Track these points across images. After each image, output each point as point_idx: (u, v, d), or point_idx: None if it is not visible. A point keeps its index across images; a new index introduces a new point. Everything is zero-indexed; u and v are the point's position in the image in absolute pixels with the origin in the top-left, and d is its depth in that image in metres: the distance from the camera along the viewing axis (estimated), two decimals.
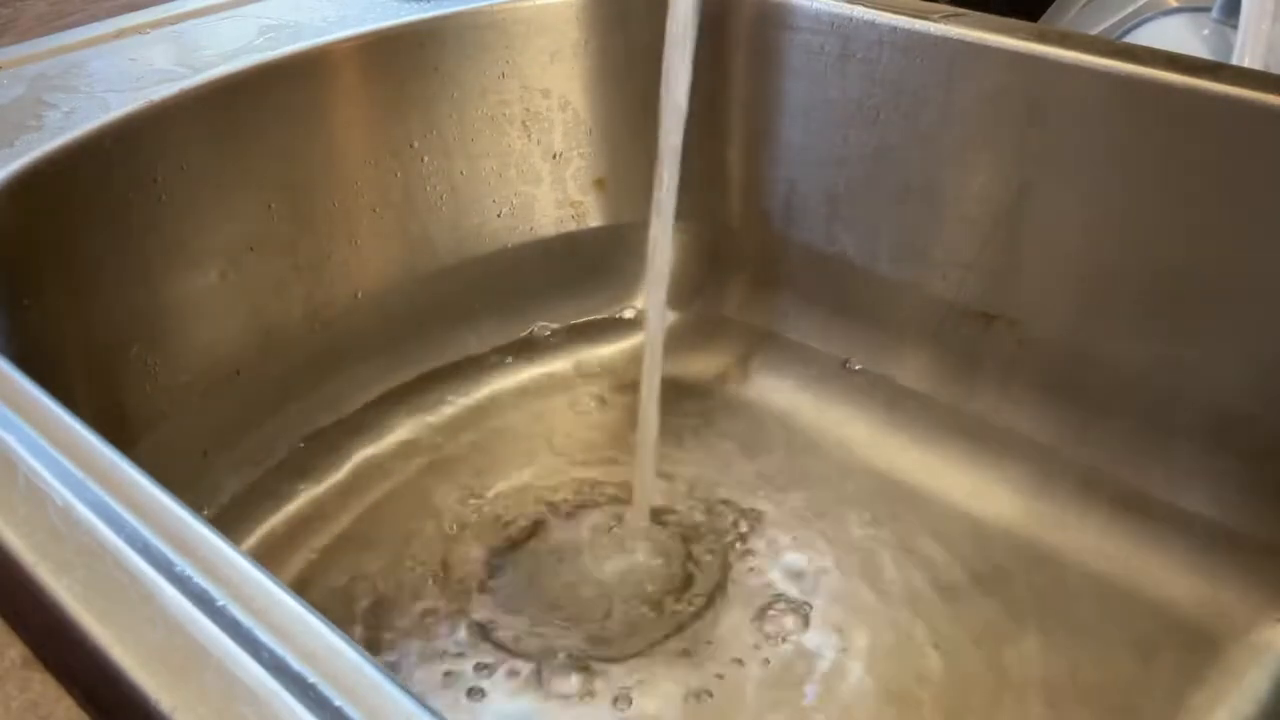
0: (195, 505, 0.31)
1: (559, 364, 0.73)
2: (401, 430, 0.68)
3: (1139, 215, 0.57)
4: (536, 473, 0.66)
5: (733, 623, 0.56)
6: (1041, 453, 0.62)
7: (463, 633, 0.56)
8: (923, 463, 0.65)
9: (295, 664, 0.26)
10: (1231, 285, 0.55)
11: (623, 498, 0.64)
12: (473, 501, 0.64)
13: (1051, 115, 0.58)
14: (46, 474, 0.32)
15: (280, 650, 0.27)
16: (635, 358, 0.72)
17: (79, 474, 0.32)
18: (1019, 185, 0.60)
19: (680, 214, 0.59)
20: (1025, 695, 0.53)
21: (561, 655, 0.55)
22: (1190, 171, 0.54)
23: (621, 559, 0.60)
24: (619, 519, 0.62)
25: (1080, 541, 0.59)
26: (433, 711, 0.26)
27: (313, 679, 0.26)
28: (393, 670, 0.53)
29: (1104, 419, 0.60)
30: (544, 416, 0.70)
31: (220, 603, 0.28)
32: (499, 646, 0.55)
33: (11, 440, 0.34)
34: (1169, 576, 0.57)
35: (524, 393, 0.71)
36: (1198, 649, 0.54)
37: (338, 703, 0.26)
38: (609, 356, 0.74)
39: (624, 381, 0.72)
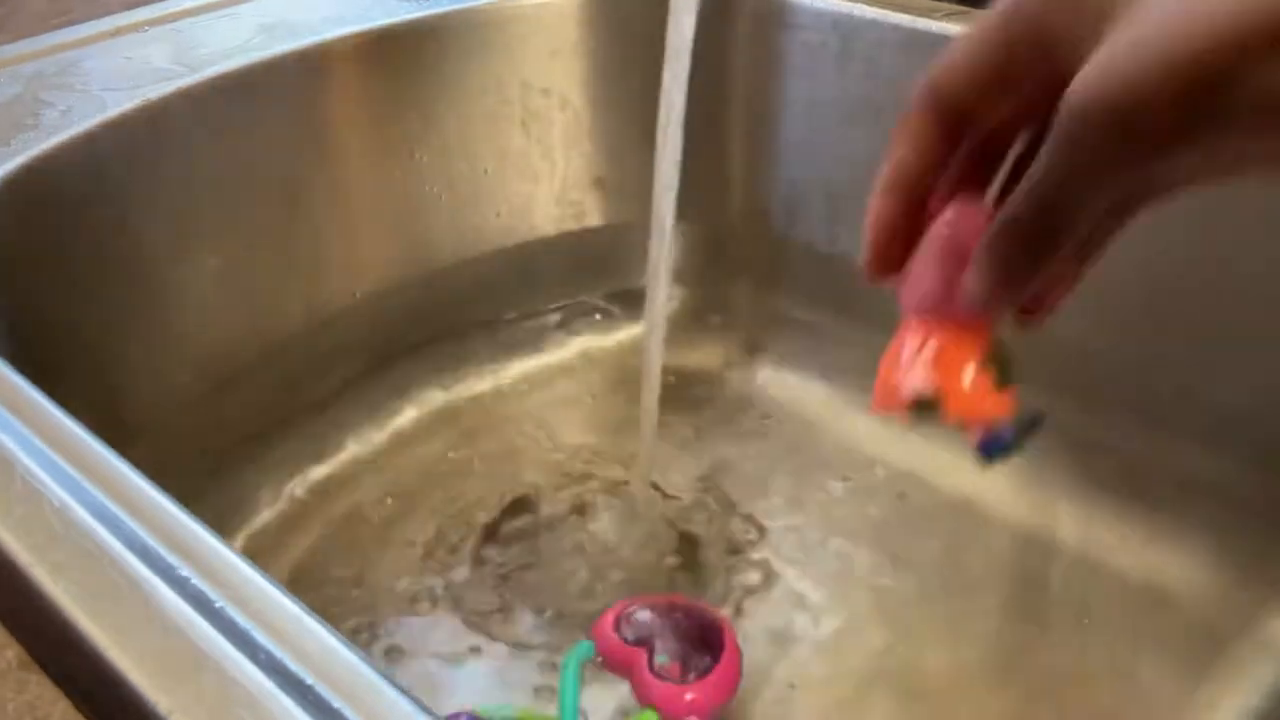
0: (192, 506, 0.31)
1: (559, 361, 0.73)
2: (401, 427, 0.68)
3: (1140, 215, 0.56)
4: (538, 464, 0.66)
5: (733, 612, 0.56)
6: (1045, 447, 0.62)
7: (463, 620, 0.56)
8: (925, 457, 0.64)
9: (293, 665, 0.26)
10: (1234, 284, 0.55)
11: (624, 488, 0.64)
12: (475, 493, 0.64)
13: None
14: (43, 475, 0.32)
15: (278, 652, 0.27)
16: (636, 353, 0.72)
17: (76, 475, 0.32)
18: None
19: (680, 213, 0.59)
20: (1030, 688, 0.53)
21: (556, 642, 0.55)
22: None
23: (623, 549, 0.60)
24: (620, 507, 0.62)
25: (1084, 536, 0.59)
26: (430, 712, 0.26)
27: (311, 680, 0.26)
28: (393, 655, 0.53)
29: (1107, 415, 0.60)
30: (545, 410, 0.70)
31: (218, 604, 0.28)
32: (494, 631, 0.56)
33: (8, 441, 0.33)
34: (1174, 570, 0.57)
35: (525, 388, 0.71)
36: (1204, 642, 0.54)
37: (336, 704, 0.25)
38: (609, 353, 0.74)
39: (625, 376, 0.72)
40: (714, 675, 0.50)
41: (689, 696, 0.49)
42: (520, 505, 0.63)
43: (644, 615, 0.52)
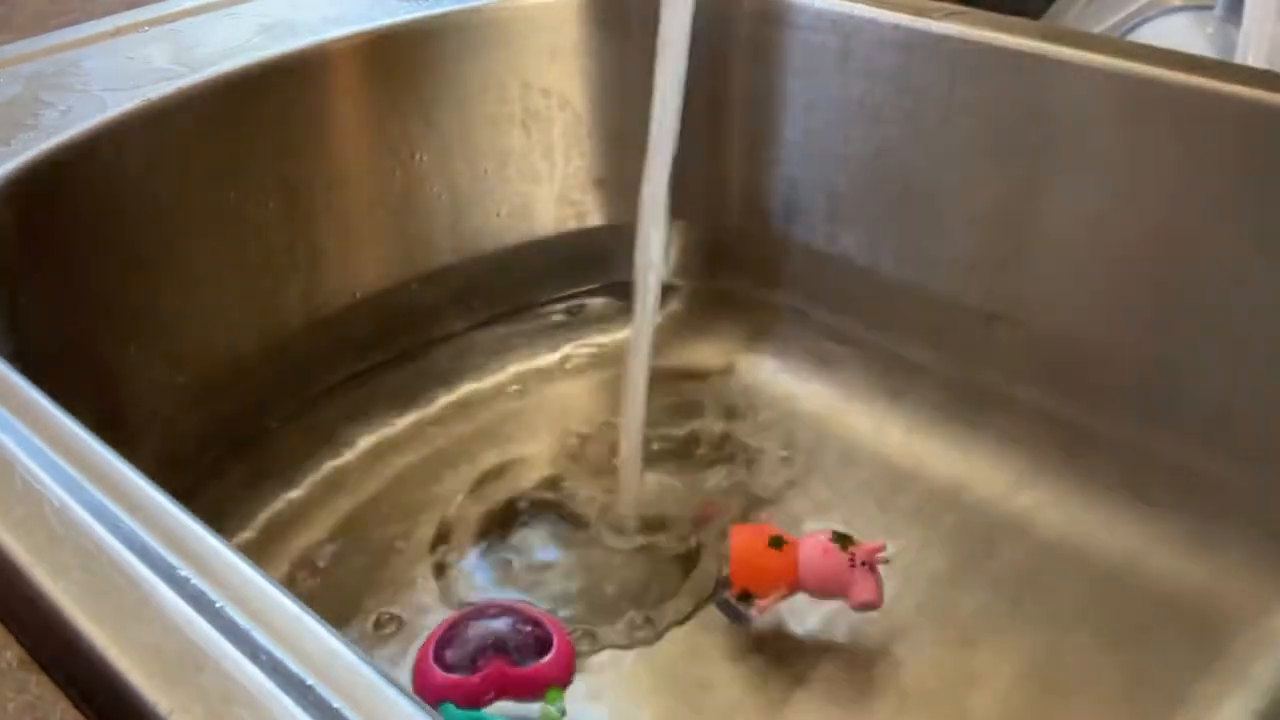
0: (192, 506, 0.31)
1: (560, 360, 0.73)
2: (402, 426, 0.68)
3: (1142, 214, 0.56)
4: (539, 463, 0.66)
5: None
6: (1044, 445, 0.62)
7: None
8: (925, 455, 0.65)
9: (293, 666, 0.26)
10: (1235, 284, 0.55)
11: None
12: (476, 492, 0.64)
13: (1054, 114, 0.57)
14: (43, 475, 0.32)
15: (278, 652, 0.27)
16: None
17: (76, 475, 0.32)
18: (1021, 185, 0.60)
19: (680, 214, 0.59)
20: (1028, 685, 0.53)
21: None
22: (1193, 170, 0.54)
23: (624, 547, 0.61)
24: (620, 507, 0.63)
25: (1084, 533, 0.59)
26: (430, 712, 0.26)
27: (311, 681, 0.26)
28: (395, 655, 0.53)
29: (1107, 414, 0.60)
30: (546, 409, 0.70)
31: (218, 604, 0.28)
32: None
33: (8, 441, 0.33)
34: (1173, 567, 0.57)
35: (526, 387, 0.71)
36: (1203, 640, 0.54)
37: (336, 704, 0.25)
38: (610, 353, 0.74)
39: (626, 374, 0.72)
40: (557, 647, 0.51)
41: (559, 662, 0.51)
42: (522, 504, 0.63)
43: (470, 633, 0.51)
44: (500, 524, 0.62)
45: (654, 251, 0.59)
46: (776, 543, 0.54)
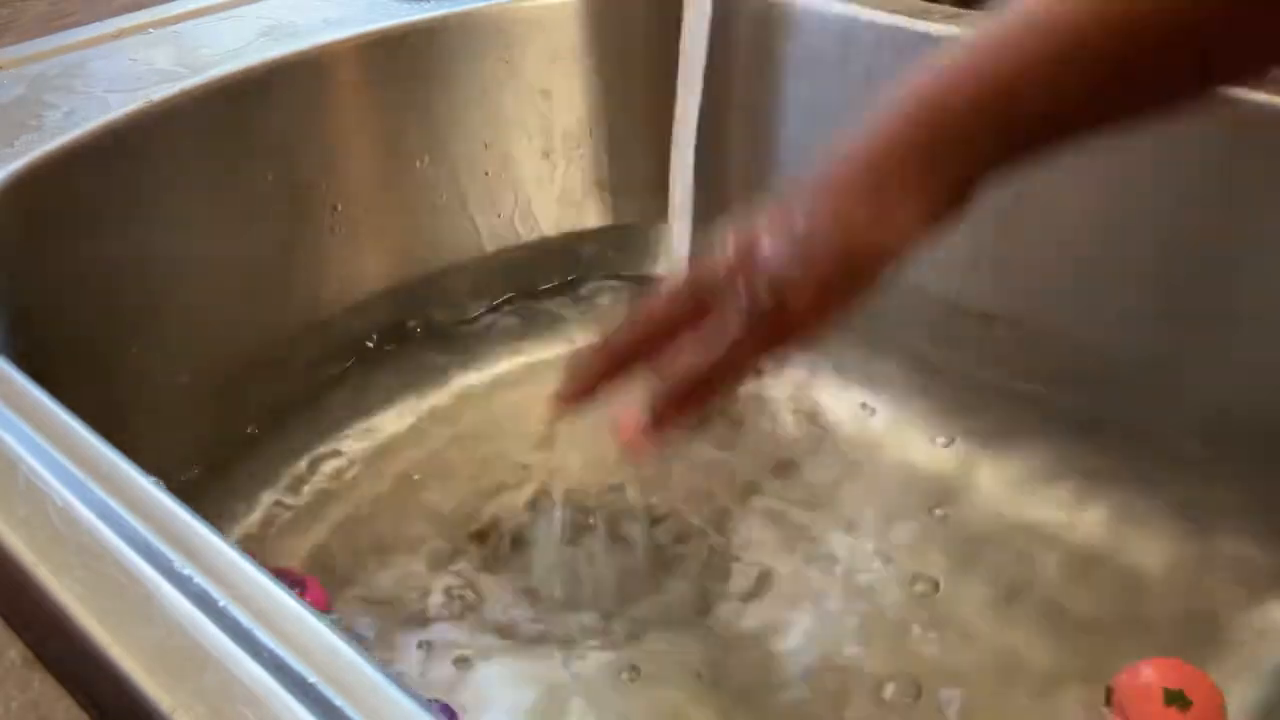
0: (195, 505, 0.31)
1: (560, 359, 0.73)
2: (403, 425, 0.68)
3: (1139, 215, 0.57)
4: (539, 462, 0.66)
5: (732, 612, 0.57)
6: (1042, 443, 0.62)
7: (464, 616, 0.57)
8: (924, 452, 0.65)
9: (295, 663, 0.26)
10: (1231, 283, 0.55)
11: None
12: (476, 489, 0.64)
13: None
14: (47, 474, 0.32)
15: (280, 650, 0.27)
16: None
17: (79, 474, 0.32)
18: (1019, 185, 0.60)
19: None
20: (1025, 678, 0.53)
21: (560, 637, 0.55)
22: (1190, 171, 0.54)
23: (621, 543, 0.61)
24: (618, 501, 0.63)
25: (1083, 529, 0.59)
26: (432, 711, 0.26)
27: (313, 679, 0.26)
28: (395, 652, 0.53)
29: (1105, 412, 0.60)
30: (547, 405, 0.70)
31: (220, 603, 0.28)
32: (497, 626, 0.56)
33: (12, 440, 0.34)
34: (1170, 559, 0.57)
35: (526, 386, 0.72)
36: (1199, 631, 0.54)
37: (338, 702, 0.26)
38: None
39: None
40: None
41: None
42: (521, 499, 0.64)
43: None
44: (504, 521, 0.62)
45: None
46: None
